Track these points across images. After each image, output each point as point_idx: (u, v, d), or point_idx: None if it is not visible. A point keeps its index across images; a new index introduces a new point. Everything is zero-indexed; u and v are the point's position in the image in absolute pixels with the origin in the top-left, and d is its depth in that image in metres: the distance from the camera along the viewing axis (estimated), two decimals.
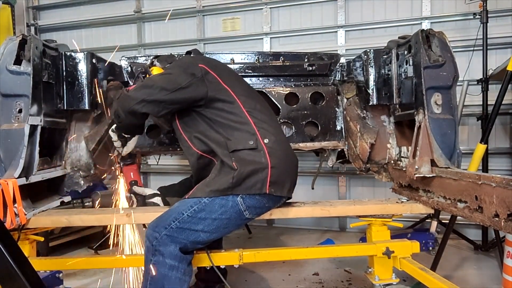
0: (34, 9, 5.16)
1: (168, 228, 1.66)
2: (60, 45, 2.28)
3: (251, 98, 1.92)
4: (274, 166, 1.74)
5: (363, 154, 2.40)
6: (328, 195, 4.17)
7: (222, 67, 2.02)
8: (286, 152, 1.87)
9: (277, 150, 1.78)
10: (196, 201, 1.71)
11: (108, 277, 2.84)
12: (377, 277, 2.04)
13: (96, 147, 2.32)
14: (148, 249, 1.67)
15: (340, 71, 2.67)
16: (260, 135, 1.78)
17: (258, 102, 1.94)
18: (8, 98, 1.96)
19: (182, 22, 4.69)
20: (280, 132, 2.00)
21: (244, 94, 1.89)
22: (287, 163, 1.84)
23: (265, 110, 1.96)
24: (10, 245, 1.16)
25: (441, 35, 2.03)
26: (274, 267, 2.94)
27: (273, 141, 1.79)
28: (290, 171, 1.85)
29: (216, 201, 1.70)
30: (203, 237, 1.72)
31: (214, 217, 1.70)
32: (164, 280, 1.63)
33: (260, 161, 1.73)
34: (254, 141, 1.76)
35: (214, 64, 1.96)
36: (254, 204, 1.75)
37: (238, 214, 1.73)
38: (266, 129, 1.82)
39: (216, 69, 1.88)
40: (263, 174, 1.72)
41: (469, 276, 2.80)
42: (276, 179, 1.75)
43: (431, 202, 1.93)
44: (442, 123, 1.97)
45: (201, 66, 1.83)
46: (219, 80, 1.84)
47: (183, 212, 1.69)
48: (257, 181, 1.72)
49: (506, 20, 3.63)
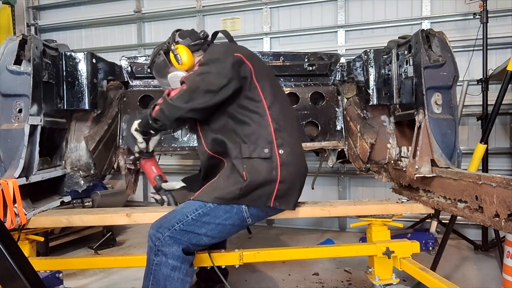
0: (34, 9, 5.16)
1: (172, 230, 1.66)
2: (60, 45, 2.28)
3: (278, 101, 1.82)
4: (283, 180, 1.72)
5: (363, 154, 2.40)
6: (328, 195, 4.17)
7: (256, 57, 1.89)
8: (298, 166, 1.82)
9: (289, 163, 1.74)
10: (202, 204, 1.70)
11: (108, 277, 2.84)
12: (377, 277, 2.04)
13: (96, 147, 2.32)
14: (151, 249, 1.67)
15: (340, 71, 2.67)
16: (276, 144, 1.73)
17: (284, 106, 1.85)
18: (8, 98, 1.96)
19: (182, 22, 4.68)
20: (298, 142, 1.92)
21: (272, 94, 1.79)
22: (297, 177, 1.81)
23: (289, 115, 1.88)
24: (10, 245, 1.16)
25: (441, 35, 2.03)
26: (274, 267, 2.94)
27: (287, 153, 1.74)
28: (297, 185, 1.83)
29: (221, 207, 1.69)
30: (205, 241, 1.72)
31: (218, 222, 1.70)
32: (166, 280, 1.63)
33: (270, 174, 1.70)
34: (269, 150, 1.71)
35: (249, 53, 1.83)
36: (257, 214, 1.77)
37: (241, 220, 1.75)
38: (284, 138, 1.76)
39: (251, 59, 1.78)
40: (270, 188, 1.71)
41: (469, 276, 2.80)
42: (283, 194, 1.74)
43: (431, 202, 1.93)
44: (442, 123, 1.97)
45: (237, 55, 1.72)
46: (252, 72, 1.75)
47: (188, 214, 1.68)
48: (263, 195, 1.71)
49: (506, 20, 3.62)
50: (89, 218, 2.01)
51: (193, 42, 1.94)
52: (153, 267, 1.64)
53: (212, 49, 1.87)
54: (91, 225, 3.20)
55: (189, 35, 1.96)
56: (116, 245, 3.62)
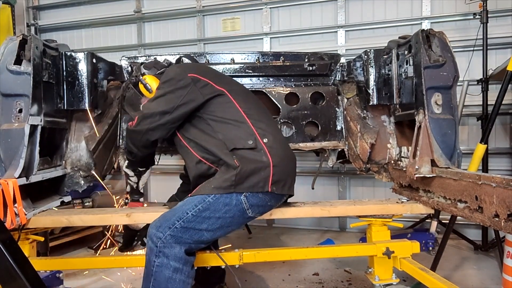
0: (34, 9, 5.16)
1: (172, 228, 1.64)
2: (61, 45, 2.28)
3: (247, 99, 1.93)
4: (276, 165, 1.75)
5: (363, 154, 2.40)
6: (328, 195, 4.17)
7: (212, 71, 2.05)
8: (286, 151, 1.89)
9: (277, 149, 1.80)
10: (200, 200, 1.70)
11: (108, 277, 2.85)
12: (377, 277, 2.04)
13: (96, 147, 2.32)
14: (151, 250, 1.63)
15: (341, 71, 2.66)
16: (258, 134, 1.79)
17: (253, 102, 1.96)
18: (8, 98, 1.96)
19: (182, 22, 4.69)
20: (278, 131, 2.02)
21: (240, 94, 1.91)
22: (288, 161, 1.86)
23: (261, 110, 1.98)
24: (10, 245, 1.16)
25: (441, 35, 2.03)
26: (274, 267, 2.94)
27: (272, 141, 1.80)
28: (290, 170, 1.87)
29: (220, 200, 1.70)
30: (206, 236, 1.71)
31: (218, 215, 1.70)
32: (168, 283, 1.60)
33: (261, 160, 1.74)
34: (253, 140, 1.77)
35: (203, 69, 1.98)
36: (257, 203, 1.76)
37: (241, 212, 1.74)
38: (264, 129, 1.83)
39: (206, 74, 1.90)
40: (265, 173, 1.73)
41: (469, 276, 2.80)
42: (278, 178, 1.76)
43: (431, 202, 1.93)
44: (442, 123, 1.97)
45: (191, 76, 1.84)
46: (211, 83, 1.86)
47: (188, 211, 1.68)
48: (260, 180, 1.72)
49: (506, 20, 3.63)
50: (89, 218, 2.00)
51: (159, 71, 2.07)
52: (154, 268, 1.61)
53: (167, 71, 1.97)
54: (91, 225, 3.19)
55: (153, 65, 2.10)
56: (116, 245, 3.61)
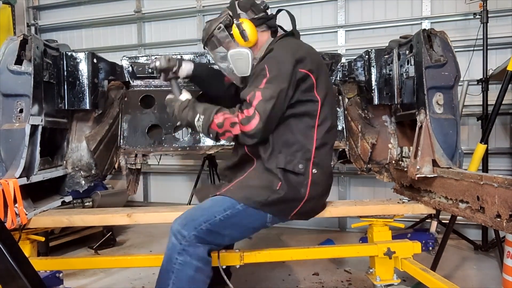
0: (34, 9, 5.15)
1: (198, 229, 1.59)
2: (61, 45, 2.28)
3: (330, 117, 1.78)
4: (309, 199, 1.74)
5: (364, 154, 2.40)
6: (329, 195, 4.16)
7: (321, 65, 1.80)
8: (327, 185, 1.84)
9: (319, 183, 1.75)
10: (230, 205, 1.66)
11: (108, 277, 2.84)
12: (379, 278, 2.04)
13: (97, 147, 2.31)
14: (174, 247, 1.58)
15: (341, 71, 2.66)
16: (313, 162, 1.71)
17: (334, 122, 1.82)
18: (9, 98, 1.96)
19: (182, 22, 4.68)
20: (330, 159, 1.90)
21: (327, 109, 1.75)
22: (322, 195, 1.85)
23: (334, 133, 1.86)
24: (10, 245, 1.16)
25: (442, 35, 2.03)
26: (274, 267, 2.93)
27: (320, 173, 1.74)
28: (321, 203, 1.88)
29: (248, 210, 1.67)
30: (226, 241, 1.74)
31: (243, 224, 1.71)
32: (189, 282, 1.57)
33: (299, 191, 1.71)
34: (303, 166, 1.69)
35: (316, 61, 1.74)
36: (277, 221, 1.79)
37: (262, 224, 1.77)
38: (321, 158, 1.75)
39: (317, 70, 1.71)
40: (295, 204, 1.73)
41: (469, 276, 2.80)
42: (304, 211, 1.78)
43: (432, 202, 1.93)
44: (444, 123, 1.97)
45: (302, 72, 1.66)
46: (314, 86, 1.70)
47: (216, 215, 1.63)
48: (285, 209, 1.74)
49: (506, 20, 3.62)
50: (90, 218, 2.00)
51: (256, 16, 1.84)
52: (176, 266, 1.57)
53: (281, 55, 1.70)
54: (92, 225, 3.19)
55: (250, 7, 1.85)
56: (116, 245, 3.62)
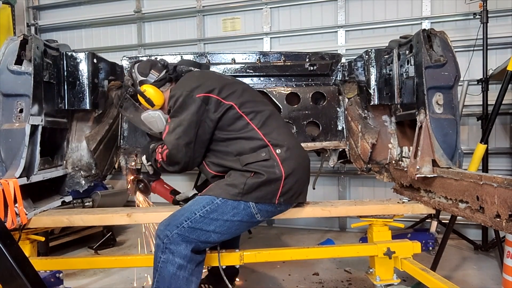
0: (34, 9, 5.15)
1: (180, 227, 1.67)
2: (61, 45, 2.28)
3: (257, 108, 1.86)
4: (288, 176, 1.75)
5: (364, 154, 2.40)
6: (328, 195, 4.17)
7: (218, 81, 1.88)
8: (299, 159, 1.85)
9: (290, 159, 1.78)
10: (209, 201, 1.72)
11: (108, 277, 2.84)
12: (378, 278, 2.04)
13: (97, 147, 2.31)
14: (158, 247, 1.68)
15: (342, 71, 2.67)
16: (272, 146, 1.77)
17: (264, 111, 1.88)
18: (9, 98, 1.96)
19: (182, 22, 4.68)
20: (291, 137, 1.95)
21: (249, 106, 1.84)
22: (301, 170, 1.84)
23: (273, 117, 1.90)
24: (10, 245, 1.16)
25: (442, 35, 2.03)
26: (274, 267, 2.93)
27: (285, 150, 1.78)
28: (302, 180, 1.87)
29: (228, 203, 1.71)
30: (214, 238, 1.73)
31: (226, 218, 1.71)
32: (171, 278, 1.64)
33: (274, 172, 1.73)
34: (266, 152, 1.76)
35: (209, 83, 1.84)
36: (266, 209, 1.78)
37: (250, 216, 1.75)
38: (276, 138, 1.80)
39: (213, 88, 1.80)
40: (275, 186, 1.74)
41: (469, 276, 2.80)
42: (288, 190, 1.77)
43: (432, 202, 1.93)
44: (444, 123, 1.97)
45: (199, 96, 1.77)
46: (219, 99, 1.79)
47: (196, 212, 1.70)
48: (268, 193, 1.74)
49: (506, 20, 3.62)
50: (90, 218, 2.00)
51: (157, 78, 1.96)
52: (159, 264, 1.66)
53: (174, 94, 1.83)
54: (91, 225, 3.19)
55: (150, 69, 1.97)
56: (116, 245, 3.61)
